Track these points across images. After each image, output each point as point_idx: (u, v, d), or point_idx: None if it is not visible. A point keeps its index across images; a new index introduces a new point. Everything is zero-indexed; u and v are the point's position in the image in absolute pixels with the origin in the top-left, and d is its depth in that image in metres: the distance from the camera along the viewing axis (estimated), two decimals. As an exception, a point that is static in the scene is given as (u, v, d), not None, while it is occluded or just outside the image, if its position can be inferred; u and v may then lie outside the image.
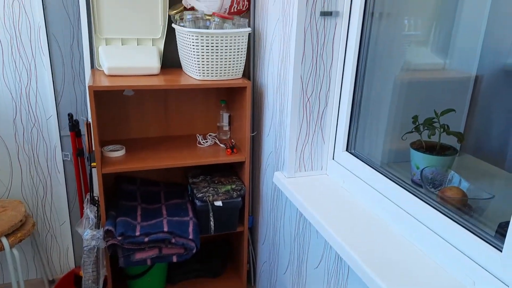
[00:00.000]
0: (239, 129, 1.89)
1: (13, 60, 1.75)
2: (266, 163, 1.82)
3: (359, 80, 1.45)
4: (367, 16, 1.39)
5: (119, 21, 1.77)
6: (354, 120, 1.50)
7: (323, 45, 1.44)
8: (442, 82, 1.24)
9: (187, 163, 1.75)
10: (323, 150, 1.58)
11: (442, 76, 1.23)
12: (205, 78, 1.69)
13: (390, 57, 1.38)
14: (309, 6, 1.38)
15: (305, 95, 1.49)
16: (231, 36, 1.64)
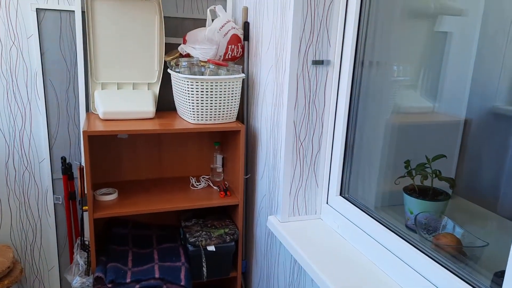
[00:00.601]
0: (233, 171, 1.89)
1: (9, 104, 1.77)
2: (260, 206, 1.81)
3: (351, 124, 1.48)
4: (358, 64, 1.43)
5: (115, 66, 1.80)
6: (347, 164, 1.52)
7: (315, 91, 1.48)
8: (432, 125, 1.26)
9: (180, 207, 1.73)
10: (317, 194, 1.58)
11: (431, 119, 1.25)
12: (199, 122, 1.71)
13: (380, 102, 1.41)
14: (301, 55, 1.43)
15: (298, 140, 1.51)
16: (225, 81, 1.67)
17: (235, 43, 1.76)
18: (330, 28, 1.43)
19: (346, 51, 1.43)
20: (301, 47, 1.42)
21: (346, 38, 1.43)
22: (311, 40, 1.43)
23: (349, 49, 1.42)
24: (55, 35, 1.76)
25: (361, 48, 1.42)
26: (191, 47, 1.74)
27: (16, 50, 1.73)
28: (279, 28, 1.53)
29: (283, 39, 1.49)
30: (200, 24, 1.92)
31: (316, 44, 1.43)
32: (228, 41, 1.72)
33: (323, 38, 1.43)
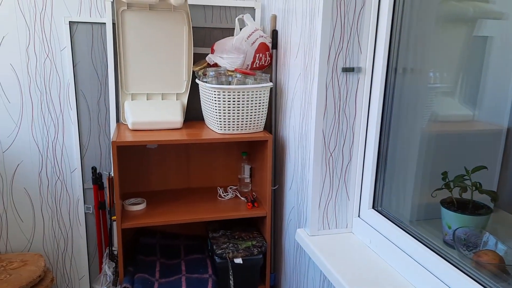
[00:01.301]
0: (261, 181, 1.86)
1: (42, 115, 1.81)
2: (288, 218, 1.76)
3: (384, 133, 1.42)
4: (391, 71, 1.37)
5: (145, 77, 1.82)
6: (380, 175, 1.45)
7: (346, 99, 1.42)
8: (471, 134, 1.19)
9: (208, 218, 1.71)
10: (348, 207, 1.52)
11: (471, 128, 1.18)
12: (226, 132, 1.69)
13: (415, 110, 1.34)
14: (330, 63, 1.38)
15: (327, 150, 1.46)
16: (252, 91, 1.65)
17: (263, 52, 1.73)
18: (361, 33, 1.38)
19: (378, 58, 1.37)
20: (330, 54, 1.38)
21: (378, 44, 1.37)
22: (341, 46, 1.38)
23: (382, 55, 1.36)
24: (87, 47, 1.79)
25: (394, 54, 1.36)
26: (218, 56, 1.73)
27: (50, 63, 1.77)
28: (307, 35, 1.49)
29: (311, 46, 1.45)
30: (228, 34, 1.91)
31: (347, 50, 1.39)
32: (255, 50, 1.70)
33: (353, 45, 1.38)
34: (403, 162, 1.39)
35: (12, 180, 1.84)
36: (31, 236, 1.91)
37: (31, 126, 1.81)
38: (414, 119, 1.35)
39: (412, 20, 1.32)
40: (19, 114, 1.78)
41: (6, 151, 1.81)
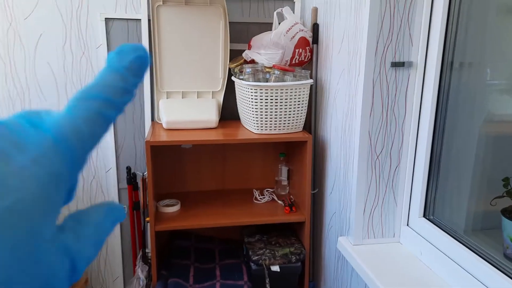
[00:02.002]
0: (299, 184, 1.75)
1: (78, 113, 1.79)
2: (329, 225, 1.65)
3: (437, 135, 1.28)
4: (446, 66, 1.24)
5: (180, 75, 1.76)
6: (433, 180, 1.31)
7: (395, 97, 1.30)
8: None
9: (243, 222, 1.63)
10: (396, 215, 1.39)
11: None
12: (263, 132, 1.60)
13: (473, 109, 1.20)
14: (378, 57, 1.26)
15: (374, 152, 1.34)
16: (291, 88, 1.55)
17: (303, 47, 1.63)
18: (412, 25, 1.25)
19: (432, 51, 1.24)
20: (378, 47, 1.26)
21: (432, 36, 1.24)
22: (389, 39, 1.26)
23: (436, 48, 1.23)
24: (122, 45, 1.75)
25: (450, 47, 1.23)
26: (256, 52, 1.65)
27: (86, 60, 1.75)
28: (352, 28, 1.37)
29: (357, 39, 1.34)
30: (266, 29, 1.82)
31: (396, 44, 1.26)
32: (295, 45, 1.60)
33: (404, 37, 1.26)
34: (459, 166, 1.25)
35: (49, 179, 1.84)
36: (67, 235, 1.90)
37: (67, 124, 1.79)
38: (471, 119, 1.20)
39: (471, 10, 1.18)
40: (55, 113, 1.77)
41: (43, 150, 1.80)
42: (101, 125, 0.22)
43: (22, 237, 0.18)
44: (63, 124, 0.21)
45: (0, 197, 0.17)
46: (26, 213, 0.18)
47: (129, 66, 0.23)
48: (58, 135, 0.20)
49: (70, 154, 0.20)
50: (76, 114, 0.21)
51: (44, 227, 0.19)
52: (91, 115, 0.21)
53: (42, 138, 0.20)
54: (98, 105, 0.22)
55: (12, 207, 0.17)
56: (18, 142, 0.19)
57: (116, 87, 0.22)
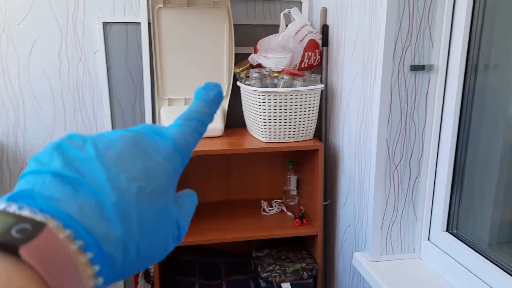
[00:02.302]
0: (309, 195, 1.66)
1: (75, 123, 1.70)
2: (342, 238, 1.55)
3: (461, 142, 1.19)
4: (470, 69, 1.14)
5: (182, 80, 1.67)
6: (456, 191, 1.22)
7: (414, 103, 1.21)
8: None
9: (251, 237, 1.54)
10: (416, 229, 1.30)
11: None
12: (271, 141, 1.51)
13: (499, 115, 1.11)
14: (396, 60, 1.17)
15: (392, 162, 1.24)
16: (301, 94, 1.46)
17: (312, 50, 1.54)
18: (433, 25, 1.16)
19: (455, 53, 1.15)
20: (396, 50, 1.17)
21: (455, 37, 1.15)
22: (408, 41, 1.17)
23: (459, 50, 1.13)
24: (121, 50, 1.66)
25: (474, 48, 1.13)
26: (263, 56, 1.56)
27: (83, 67, 1.66)
28: (367, 29, 1.28)
29: (372, 41, 1.25)
30: (272, 31, 1.73)
31: (416, 45, 1.17)
32: (304, 48, 1.51)
33: (424, 38, 1.17)
34: (486, 175, 1.16)
35: (45, 192, 1.74)
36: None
37: (64, 133, 1.70)
38: (497, 125, 1.11)
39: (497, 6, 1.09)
40: (52, 122, 1.68)
41: (38, 161, 1.71)
42: (197, 138, 0.31)
43: (160, 207, 0.26)
44: (177, 136, 0.29)
45: (147, 182, 0.25)
46: (162, 193, 0.26)
47: (213, 99, 0.32)
48: (176, 143, 0.29)
49: (182, 155, 0.29)
50: (183, 129, 0.30)
51: (171, 203, 0.27)
52: (192, 131, 0.30)
53: (166, 144, 0.28)
54: (196, 124, 0.31)
55: (155, 189, 0.26)
56: (153, 145, 0.28)
57: (205, 113, 0.32)
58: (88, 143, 0.26)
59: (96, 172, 0.24)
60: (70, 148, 0.26)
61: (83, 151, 0.25)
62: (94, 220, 0.23)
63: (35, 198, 0.22)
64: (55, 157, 0.25)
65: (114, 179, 0.24)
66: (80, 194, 0.23)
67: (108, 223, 0.23)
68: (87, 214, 0.23)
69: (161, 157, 0.27)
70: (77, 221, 0.22)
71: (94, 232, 0.22)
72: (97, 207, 0.23)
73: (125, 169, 0.25)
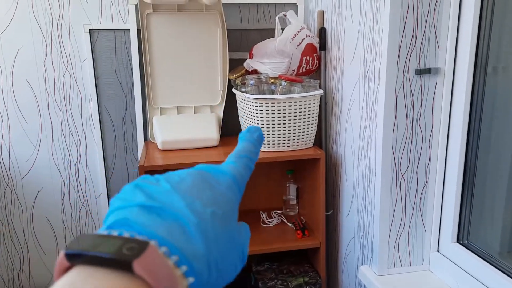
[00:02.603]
0: (311, 205, 1.59)
1: (63, 135, 1.62)
2: (346, 250, 1.49)
3: (470, 149, 1.13)
4: (479, 71, 1.09)
5: (175, 89, 1.60)
6: (466, 200, 1.16)
7: (420, 108, 1.15)
8: None
9: (252, 251, 1.46)
10: (424, 240, 1.24)
11: None
12: (270, 150, 1.44)
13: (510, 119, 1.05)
14: (400, 63, 1.11)
15: (398, 171, 1.18)
16: (300, 100, 1.39)
17: (310, 54, 1.48)
18: (439, 27, 1.10)
19: (462, 55, 1.09)
20: (400, 53, 1.11)
21: (462, 38, 1.09)
22: (413, 44, 1.11)
23: (467, 52, 1.08)
24: (110, 58, 1.59)
25: (482, 50, 1.08)
26: (258, 62, 1.49)
27: (70, 77, 1.58)
28: (368, 31, 1.22)
29: (375, 44, 1.19)
30: (267, 35, 1.66)
31: (421, 48, 1.11)
32: (302, 52, 1.45)
33: (429, 41, 1.11)
34: (497, 183, 1.10)
35: (33, 209, 1.66)
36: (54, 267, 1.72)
37: (51, 148, 1.62)
38: (509, 130, 1.06)
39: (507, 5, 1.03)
40: (37, 136, 1.60)
41: (25, 177, 1.62)
42: (248, 172, 0.35)
43: (229, 230, 0.29)
44: (233, 170, 0.33)
45: (217, 207, 0.29)
46: (229, 218, 0.30)
47: (257, 139, 0.38)
48: (233, 176, 0.33)
49: (239, 186, 0.33)
50: (237, 165, 0.34)
51: (236, 228, 0.31)
52: (244, 166, 0.35)
53: (226, 177, 0.32)
54: (246, 160, 0.35)
55: (224, 214, 0.29)
56: (215, 179, 0.32)
57: (252, 151, 0.37)
58: (162, 180, 0.30)
59: (175, 201, 0.28)
60: (147, 185, 0.29)
61: (159, 186, 0.29)
62: (181, 240, 0.26)
63: (130, 225, 0.26)
64: (137, 193, 0.29)
65: (191, 205, 0.28)
66: (165, 219, 0.27)
67: (193, 242, 0.26)
68: (175, 236, 0.26)
69: (224, 187, 0.31)
70: (169, 241, 0.26)
71: (183, 250, 0.26)
72: (182, 230, 0.27)
73: (198, 197, 0.29)
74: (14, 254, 1.68)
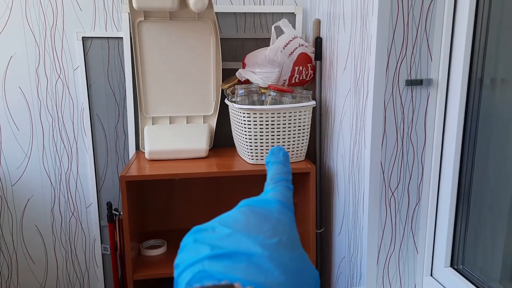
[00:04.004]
0: (303, 221, 1.52)
1: (54, 143, 1.61)
2: (338, 271, 1.41)
3: (465, 165, 1.05)
4: (474, 83, 1.01)
5: (167, 98, 1.57)
6: (461, 221, 1.08)
7: (412, 121, 1.08)
8: None
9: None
10: (416, 263, 1.15)
11: None
12: (258, 163, 1.38)
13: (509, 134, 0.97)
14: (389, 74, 1.05)
15: (388, 189, 1.11)
16: (290, 111, 1.34)
17: (304, 64, 1.42)
18: (431, 35, 1.04)
19: (456, 66, 1.02)
20: (389, 62, 1.04)
21: (456, 48, 1.02)
22: (403, 53, 1.04)
23: (461, 63, 1.01)
24: (103, 66, 1.58)
25: (478, 60, 1.00)
26: (250, 71, 1.45)
27: (62, 84, 1.57)
28: (358, 41, 1.16)
29: (364, 54, 1.13)
30: (264, 45, 1.62)
31: (412, 58, 1.05)
32: (294, 62, 1.40)
33: (421, 50, 1.04)
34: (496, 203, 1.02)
35: (22, 217, 1.64)
36: (44, 279, 1.70)
37: (42, 156, 1.61)
38: (508, 146, 0.97)
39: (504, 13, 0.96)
40: (28, 143, 1.59)
41: (15, 185, 1.61)
42: (290, 192, 0.36)
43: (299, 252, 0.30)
44: (276, 196, 0.34)
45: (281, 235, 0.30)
46: (294, 241, 0.30)
47: (283, 158, 0.39)
48: (279, 201, 0.34)
49: (288, 208, 0.34)
50: (278, 189, 0.35)
51: (301, 247, 0.31)
52: (285, 188, 0.36)
53: (273, 205, 0.33)
54: (284, 183, 0.36)
55: (288, 239, 0.30)
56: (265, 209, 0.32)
57: (284, 171, 0.37)
58: (217, 226, 0.30)
59: (240, 242, 0.28)
60: (206, 236, 0.29)
61: (218, 233, 0.30)
62: (261, 276, 0.27)
63: (208, 276, 0.27)
64: (199, 247, 0.29)
65: (257, 240, 0.28)
66: (239, 262, 0.27)
67: (271, 274, 0.27)
68: (253, 273, 0.27)
69: (277, 214, 0.32)
70: (250, 280, 0.26)
71: (266, 285, 0.26)
72: (257, 266, 0.27)
73: (259, 231, 0.29)
74: (2, 262, 1.66)
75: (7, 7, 1.49)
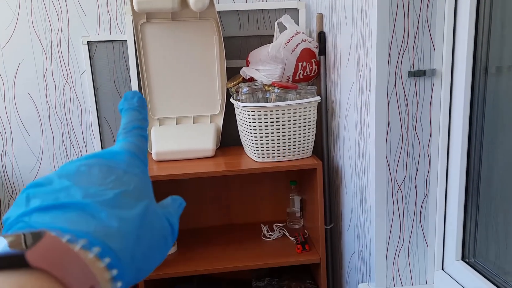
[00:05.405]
0: (312, 218, 1.51)
1: (64, 147, 1.63)
2: (349, 267, 1.40)
3: (473, 156, 1.03)
4: (479, 71, 0.99)
5: (173, 99, 1.58)
6: (471, 213, 1.05)
7: (416, 113, 1.06)
8: None
9: (250, 266, 1.40)
10: (427, 257, 1.13)
11: None
12: (265, 161, 1.38)
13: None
14: (392, 66, 1.03)
15: (394, 182, 1.09)
16: (295, 108, 1.33)
17: (307, 59, 1.41)
18: (433, 24, 1.02)
19: (460, 55, 1.00)
20: (391, 54, 1.03)
21: (459, 36, 1.00)
22: (405, 44, 1.02)
23: (464, 51, 0.98)
24: (108, 69, 1.59)
25: (482, 48, 0.98)
26: (254, 69, 1.44)
27: (70, 89, 1.59)
28: (359, 33, 1.15)
29: (365, 46, 1.11)
30: (268, 42, 1.61)
31: (414, 48, 1.03)
32: (297, 58, 1.39)
33: (423, 40, 1.02)
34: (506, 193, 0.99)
35: (36, 220, 1.67)
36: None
37: (53, 159, 1.63)
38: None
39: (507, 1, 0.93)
40: (39, 148, 1.62)
41: (28, 189, 1.64)
42: (144, 141, 0.34)
43: (146, 204, 0.28)
44: (126, 146, 0.32)
45: (126, 186, 0.29)
46: (140, 194, 0.29)
47: (138, 104, 0.35)
48: (129, 151, 0.32)
49: (139, 158, 0.32)
50: (129, 139, 0.33)
51: (152, 201, 0.30)
52: (137, 137, 0.33)
53: (121, 156, 0.31)
54: (137, 131, 0.34)
55: (134, 189, 0.29)
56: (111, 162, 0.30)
57: (138, 119, 0.35)
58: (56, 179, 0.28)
59: (76, 193, 0.27)
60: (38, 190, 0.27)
61: (53, 186, 0.27)
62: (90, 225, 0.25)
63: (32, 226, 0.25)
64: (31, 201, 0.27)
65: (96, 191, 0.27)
66: (68, 211, 0.26)
67: (104, 223, 0.25)
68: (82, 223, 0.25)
69: (124, 166, 0.30)
70: (73, 229, 0.24)
71: (95, 233, 0.25)
72: (90, 216, 0.26)
73: (101, 183, 0.28)
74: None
75: (14, 15, 1.51)
